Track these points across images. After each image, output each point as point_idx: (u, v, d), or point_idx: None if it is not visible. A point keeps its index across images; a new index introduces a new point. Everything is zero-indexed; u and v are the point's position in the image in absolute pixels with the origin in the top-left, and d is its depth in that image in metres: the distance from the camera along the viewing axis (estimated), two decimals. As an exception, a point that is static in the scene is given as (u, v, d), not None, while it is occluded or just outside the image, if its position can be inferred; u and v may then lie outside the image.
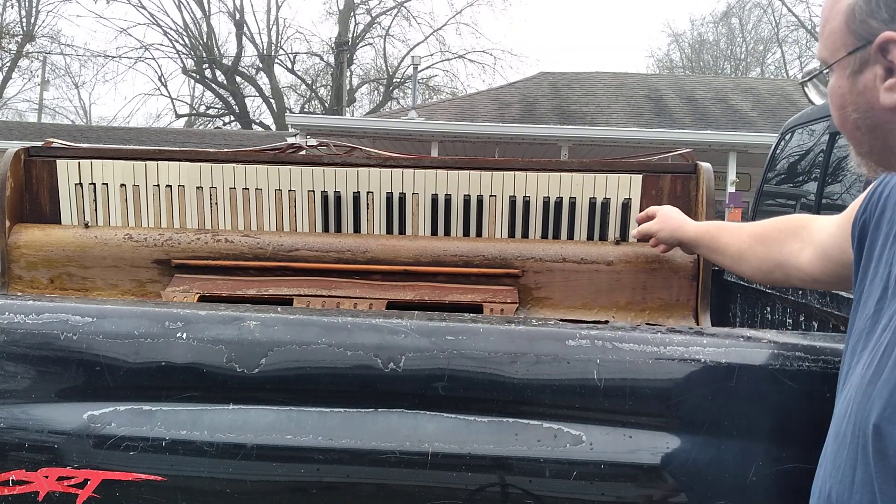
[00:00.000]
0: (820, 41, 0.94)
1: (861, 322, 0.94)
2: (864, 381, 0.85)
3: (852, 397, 0.87)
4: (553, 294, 1.84)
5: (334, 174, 1.91)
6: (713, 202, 1.85)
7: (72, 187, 1.95)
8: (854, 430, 0.84)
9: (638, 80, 17.17)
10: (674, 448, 1.10)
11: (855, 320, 0.98)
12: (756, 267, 1.42)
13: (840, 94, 0.91)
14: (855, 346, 0.94)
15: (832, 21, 0.90)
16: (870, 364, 0.86)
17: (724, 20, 30.97)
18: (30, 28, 25.72)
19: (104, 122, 27.59)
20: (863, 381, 0.86)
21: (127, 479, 1.09)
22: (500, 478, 1.09)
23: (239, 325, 1.16)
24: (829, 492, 0.88)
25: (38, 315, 1.17)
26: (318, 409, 1.13)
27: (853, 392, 0.87)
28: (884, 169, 0.95)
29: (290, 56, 27.56)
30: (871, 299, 0.94)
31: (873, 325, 0.90)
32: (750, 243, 1.43)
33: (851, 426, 0.85)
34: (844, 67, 0.89)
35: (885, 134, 0.89)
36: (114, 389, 1.14)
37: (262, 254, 1.87)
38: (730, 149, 11.72)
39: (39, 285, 1.89)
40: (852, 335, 0.97)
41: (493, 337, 1.15)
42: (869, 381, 0.84)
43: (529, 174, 1.89)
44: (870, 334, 0.90)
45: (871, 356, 0.86)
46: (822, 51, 0.94)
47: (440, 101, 21.19)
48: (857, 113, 0.90)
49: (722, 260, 1.54)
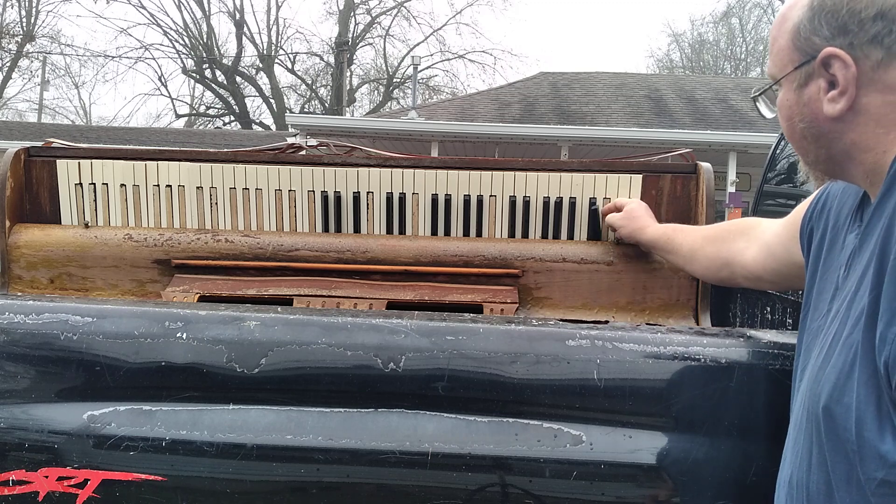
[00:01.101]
0: (769, 59, 1.02)
1: (815, 322, 1.00)
2: (814, 369, 0.93)
3: (806, 387, 0.93)
4: (553, 294, 1.83)
5: (334, 174, 1.91)
6: (713, 202, 1.85)
7: (72, 187, 1.95)
8: (808, 416, 0.91)
9: (638, 80, 17.17)
10: (674, 448, 1.10)
11: (807, 320, 1.04)
12: (706, 266, 1.51)
13: (788, 106, 0.99)
14: (810, 343, 1.00)
15: (780, 39, 0.99)
16: (819, 353, 0.93)
17: (724, 20, 31.00)
18: (30, 28, 25.72)
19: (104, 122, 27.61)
20: (814, 369, 0.92)
21: (127, 479, 1.10)
22: (500, 478, 1.09)
23: (239, 325, 1.16)
24: (789, 477, 0.94)
25: (38, 315, 1.17)
26: (318, 409, 1.13)
27: (807, 382, 0.94)
28: (829, 177, 1.03)
29: (290, 56, 27.59)
30: (822, 301, 1.01)
31: (825, 322, 0.96)
32: (701, 243, 1.52)
33: (806, 413, 0.92)
34: (791, 81, 0.97)
35: (828, 143, 0.96)
36: (114, 389, 1.14)
37: (262, 254, 1.87)
38: (730, 149, 11.72)
39: (39, 285, 1.89)
40: (806, 334, 1.03)
41: (493, 337, 1.15)
42: (819, 367, 0.91)
43: (529, 174, 1.88)
44: (820, 330, 0.97)
45: (821, 346, 0.93)
46: (771, 67, 1.02)
47: (440, 101, 21.20)
48: (804, 123, 0.97)
49: (675, 259, 1.62)
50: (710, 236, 1.51)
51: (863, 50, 0.90)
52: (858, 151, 0.94)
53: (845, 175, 0.99)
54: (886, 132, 0.91)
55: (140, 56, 26.59)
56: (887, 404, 0.80)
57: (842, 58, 0.91)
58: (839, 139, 0.95)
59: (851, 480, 0.83)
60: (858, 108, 0.92)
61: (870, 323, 0.82)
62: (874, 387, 0.81)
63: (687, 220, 1.87)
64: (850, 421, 0.83)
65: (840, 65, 0.91)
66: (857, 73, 0.90)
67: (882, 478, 0.80)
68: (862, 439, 0.82)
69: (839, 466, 0.85)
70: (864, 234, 0.91)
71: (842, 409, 0.84)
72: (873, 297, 0.83)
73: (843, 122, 0.93)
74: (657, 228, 1.68)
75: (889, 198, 0.87)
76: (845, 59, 0.91)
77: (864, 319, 0.83)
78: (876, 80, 0.90)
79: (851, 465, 0.83)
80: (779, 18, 1.00)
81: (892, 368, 0.79)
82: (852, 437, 0.83)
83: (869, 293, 0.83)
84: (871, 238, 0.88)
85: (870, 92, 0.91)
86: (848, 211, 1.04)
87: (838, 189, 1.09)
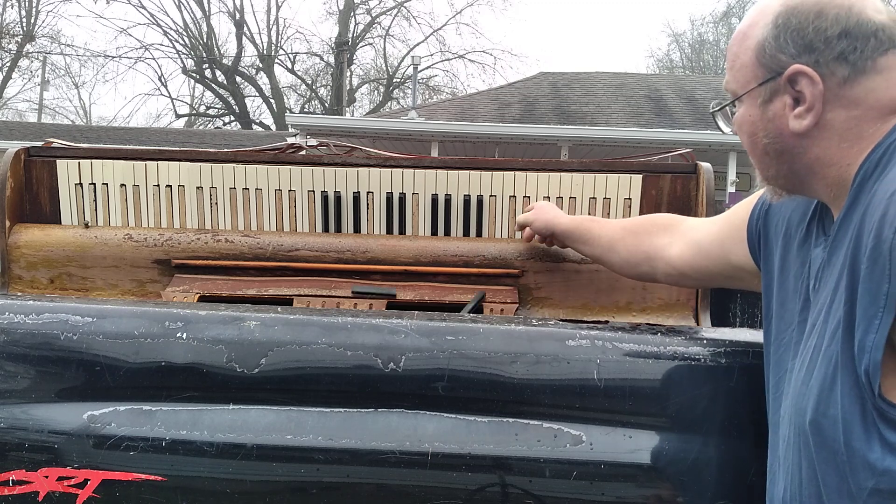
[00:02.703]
0: (729, 74, 1.02)
1: (785, 334, 1.01)
2: (797, 384, 0.93)
3: (791, 403, 0.93)
4: (553, 294, 1.84)
5: (334, 174, 1.91)
6: (713, 202, 1.85)
7: (72, 187, 1.95)
8: (796, 431, 0.91)
9: (638, 80, 17.17)
10: (674, 448, 1.10)
11: (772, 330, 1.05)
12: (625, 258, 1.47)
13: (751, 121, 0.99)
14: (783, 356, 1.01)
15: (742, 56, 0.99)
16: (800, 368, 0.93)
17: (724, 20, 30.97)
18: (30, 28, 25.71)
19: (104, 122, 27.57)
20: (797, 385, 0.93)
21: (127, 479, 1.10)
22: (500, 478, 1.09)
23: (239, 325, 1.16)
24: (782, 493, 0.95)
25: (38, 315, 1.17)
26: (318, 409, 1.13)
27: (791, 398, 0.94)
28: (787, 192, 1.03)
29: (290, 56, 27.57)
30: (788, 311, 1.02)
31: (800, 335, 0.97)
32: (621, 234, 1.48)
33: (793, 428, 0.92)
34: (755, 97, 0.98)
35: (791, 158, 0.97)
36: (114, 389, 1.14)
37: (262, 254, 1.87)
38: (730, 149, 11.71)
39: (39, 285, 1.90)
40: (774, 344, 1.04)
41: (493, 337, 1.15)
42: (801, 382, 0.92)
43: (529, 174, 1.89)
44: (797, 344, 0.97)
45: (802, 361, 0.93)
46: (731, 83, 1.02)
47: (440, 101, 21.20)
48: (768, 139, 0.98)
49: (592, 251, 1.57)
50: (631, 228, 1.49)
51: (829, 67, 0.92)
52: (822, 166, 0.95)
53: (805, 190, 1.00)
54: (850, 146, 0.92)
55: (140, 56, 26.52)
56: (871, 412, 0.81)
57: (809, 75, 0.92)
58: (803, 154, 0.96)
59: (843, 491, 0.84)
60: (824, 123, 0.93)
61: (847, 334, 0.84)
62: (857, 396, 0.82)
63: (687, 220, 1.87)
64: (838, 432, 0.84)
65: (807, 82, 0.92)
66: (823, 90, 0.92)
67: (872, 486, 0.81)
68: (850, 449, 0.83)
69: (830, 478, 0.85)
70: (832, 247, 0.92)
71: (828, 422, 0.85)
72: (848, 308, 0.84)
73: (808, 137, 0.94)
74: (574, 218, 1.65)
75: (854, 210, 0.88)
76: (812, 76, 0.92)
77: (841, 331, 0.85)
78: (841, 97, 0.92)
79: (842, 477, 0.84)
80: (738, 35, 1.01)
81: (874, 376, 0.80)
82: (841, 448, 0.84)
83: (843, 305, 0.85)
84: (839, 251, 0.90)
85: (835, 108, 0.92)
86: (798, 221, 1.05)
87: None
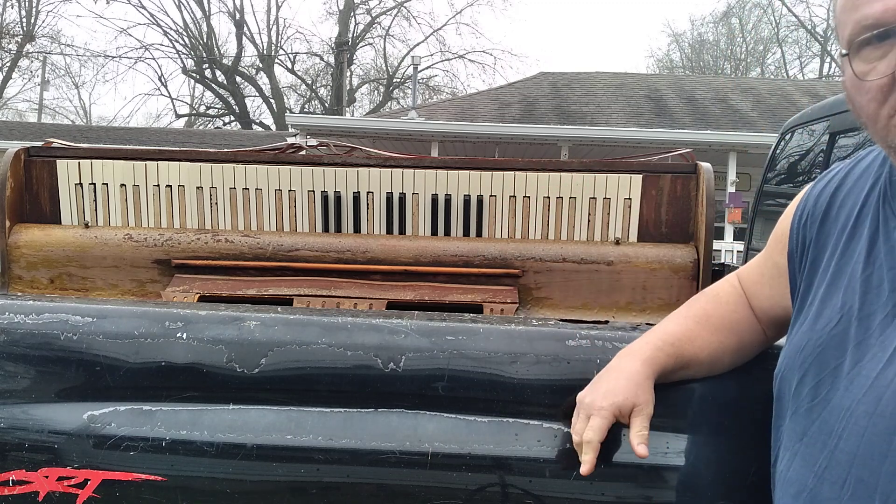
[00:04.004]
0: None
1: (835, 329, 0.91)
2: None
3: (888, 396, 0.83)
4: (553, 294, 1.84)
5: (334, 174, 1.91)
6: (713, 202, 1.85)
7: (72, 187, 1.95)
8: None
9: (638, 80, 17.16)
10: (674, 448, 1.10)
11: (804, 331, 0.96)
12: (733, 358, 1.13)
13: None
14: (824, 354, 0.91)
15: None
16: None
17: (724, 20, 30.98)
18: (30, 28, 25.71)
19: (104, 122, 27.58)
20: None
21: (127, 479, 1.09)
22: (500, 478, 1.09)
23: (239, 325, 1.16)
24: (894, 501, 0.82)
25: (38, 315, 1.17)
26: (318, 409, 1.13)
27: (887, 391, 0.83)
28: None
29: (290, 56, 27.58)
30: (852, 293, 0.91)
31: (864, 330, 0.88)
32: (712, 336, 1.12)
33: None
34: None
35: None
36: (114, 389, 1.14)
37: (262, 254, 1.87)
38: (730, 149, 11.72)
39: (39, 285, 1.89)
40: (812, 347, 0.93)
41: (493, 337, 1.15)
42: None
43: (529, 174, 1.88)
44: (864, 340, 0.88)
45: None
46: None
47: (440, 101, 21.19)
48: None
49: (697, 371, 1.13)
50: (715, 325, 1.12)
51: None
52: None
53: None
54: None
55: (140, 56, 26.56)
56: None
57: None
58: None
59: None
60: None
61: None
62: None
63: (687, 220, 1.88)
64: None
65: None
66: None
67: None
68: None
69: None
70: None
71: None
72: None
73: None
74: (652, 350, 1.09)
75: None
76: None
77: None
78: None
79: None
80: None
81: None
82: None
83: None
84: None
85: None
86: (862, 204, 0.95)
87: (822, 191, 1.03)
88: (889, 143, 0.86)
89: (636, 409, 1.01)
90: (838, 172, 1.05)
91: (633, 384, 1.02)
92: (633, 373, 1.03)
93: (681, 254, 1.82)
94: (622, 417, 1.01)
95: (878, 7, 0.81)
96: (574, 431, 1.03)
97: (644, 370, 1.04)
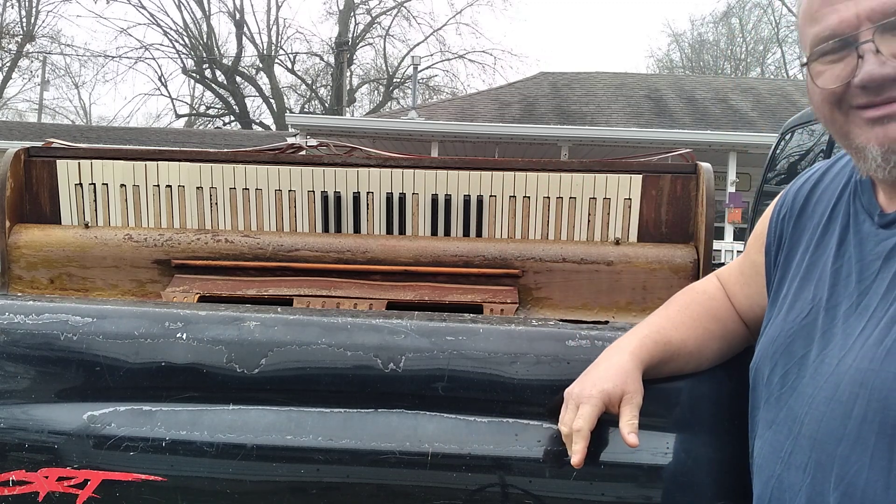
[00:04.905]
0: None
1: (805, 319, 0.94)
2: (889, 359, 0.81)
3: (856, 379, 0.84)
4: (553, 294, 1.84)
5: (334, 174, 1.91)
6: (713, 202, 1.85)
7: (72, 187, 1.95)
8: (882, 419, 0.80)
9: (638, 80, 17.16)
10: (674, 448, 1.10)
11: (778, 321, 0.98)
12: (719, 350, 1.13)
13: None
14: (792, 345, 0.94)
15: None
16: (878, 348, 0.82)
17: (724, 20, 30.97)
18: (30, 28, 25.71)
19: (104, 122, 27.57)
20: (870, 370, 0.81)
21: (127, 480, 1.09)
22: (500, 478, 1.09)
23: (239, 325, 1.16)
24: (847, 482, 0.83)
25: (38, 315, 1.17)
26: (318, 409, 1.13)
27: (854, 374, 0.84)
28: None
29: (290, 56, 27.57)
30: (822, 285, 0.94)
31: (829, 320, 0.91)
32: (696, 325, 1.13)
33: (872, 412, 0.81)
34: None
35: None
36: (114, 390, 1.14)
37: (262, 254, 1.87)
38: (730, 149, 11.72)
39: (39, 285, 1.89)
40: (784, 336, 0.95)
41: (493, 337, 1.15)
42: (882, 364, 0.80)
43: (529, 174, 1.88)
44: (827, 328, 0.90)
45: (877, 339, 0.83)
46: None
47: (440, 101, 21.19)
48: None
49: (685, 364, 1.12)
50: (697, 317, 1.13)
51: None
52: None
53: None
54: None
55: (140, 56, 26.55)
56: None
57: None
58: None
59: None
60: None
61: None
62: None
63: (687, 220, 1.88)
64: None
65: None
66: None
67: None
68: None
69: None
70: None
71: None
72: None
73: None
74: (639, 342, 1.09)
75: None
76: None
77: None
78: None
79: None
80: None
81: None
82: None
83: None
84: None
85: None
86: (836, 200, 0.98)
87: (800, 188, 1.06)
88: (849, 143, 0.91)
89: (625, 397, 1.01)
90: (818, 170, 1.08)
91: (621, 373, 1.02)
92: (620, 363, 1.04)
93: (681, 254, 1.82)
94: (611, 406, 1.01)
95: (833, 19, 0.87)
96: (562, 423, 1.02)
97: (631, 360, 1.04)
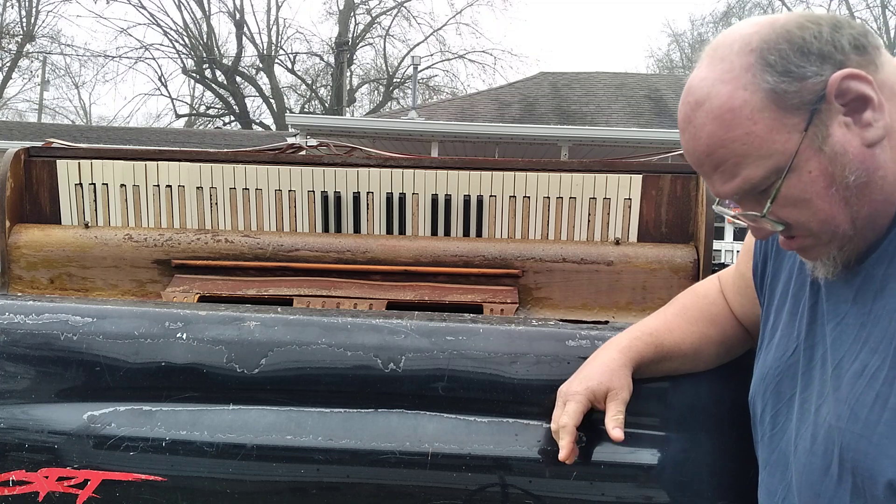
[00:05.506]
0: (739, 172, 0.83)
1: (790, 359, 0.93)
2: (853, 419, 0.79)
3: (829, 435, 0.83)
4: (553, 294, 1.84)
5: (334, 174, 1.91)
6: (713, 202, 1.84)
7: (72, 187, 1.95)
8: (853, 479, 0.80)
9: (638, 80, 17.16)
10: (674, 448, 1.10)
11: (769, 359, 0.97)
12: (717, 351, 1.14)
13: (822, 174, 0.79)
14: (781, 384, 0.93)
15: (755, 129, 0.79)
16: (855, 410, 0.80)
17: (724, 20, 30.96)
18: (30, 28, 25.70)
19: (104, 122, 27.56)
20: (848, 433, 0.80)
21: (127, 480, 1.09)
22: (500, 478, 1.09)
23: (239, 325, 1.16)
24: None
25: (38, 315, 1.17)
26: (318, 409, 1.13)
27: (827, 431, 0.83)
28: (847, 254, 0.84)
29: (290, 56, 27.56)
30: (786, 336, 0.94)
31: (807, 361, 0.89)
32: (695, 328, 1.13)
33: (845, 472, 0.81)
34: (809, 148, 0.79)
35: (871, 188, 0.80)
36: (114, 390, 1.14)
37: (262, 254, 1.87)
38: (730, 149, 11.70)
39: (39, 285, 1.90)
40: (773, 376, 0.95)
41: (493, 337, 1.15)
42: (862, 431, 0.78)
43: (529, 174, 1.89)
44: (806, 372, 0.89)
45: (854, 401, 0.80)
46: (752, 175, 0.82)
47: (440, 101, 21.19)
48: (853, 174, 0.79)
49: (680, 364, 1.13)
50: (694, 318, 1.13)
51: (853, 60, 0.77)
52: (889, 180, 0.80)
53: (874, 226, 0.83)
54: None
55: (140, 56, 26.51)
56: None
57: (854, 75, 0.77)
58: (885, 169, 0.79)
59: None
60: (891, 123, 0.79)
61: None
62: None
63: (687, 220, 1.88)
64: None
65: (856, 82, 0.77)
66: (872, 81, 0.77)
67: None
68: None
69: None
70: (885, 278, 0.81)
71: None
72: None
73: (880, 145, 0.79)
74: (630, 341, 1.11)
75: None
76: (857, 73, 0.77)
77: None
78: (883, 85, 0.78)
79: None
80: (717, 124, 0.81)
81: None
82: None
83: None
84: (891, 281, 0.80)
85: (889, 100, 0.78)
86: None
87: None
88: None
89: (611, 393, 1.02)
90: None
91: (607, 370, 1.04)
92: (608, 360, 1.05)
93: (681, 254, 1.82)
94: (597, 402, 1.03)
95: (714, 192, 0.93)
96: (552, 420, 1.05)
97: (620, 357, 1.06)
